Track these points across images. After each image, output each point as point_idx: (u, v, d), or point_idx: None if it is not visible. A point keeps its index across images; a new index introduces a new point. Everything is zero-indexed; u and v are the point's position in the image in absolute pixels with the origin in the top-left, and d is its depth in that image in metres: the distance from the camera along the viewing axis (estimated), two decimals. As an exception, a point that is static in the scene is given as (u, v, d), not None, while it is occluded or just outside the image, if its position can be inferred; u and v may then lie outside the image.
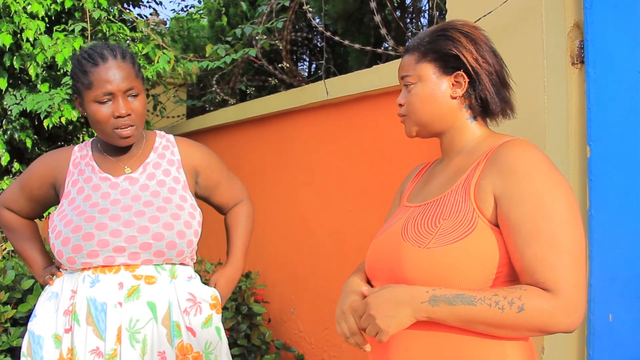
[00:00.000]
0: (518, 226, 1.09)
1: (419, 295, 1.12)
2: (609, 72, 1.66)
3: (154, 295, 1.65)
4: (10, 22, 3.68)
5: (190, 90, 6.07)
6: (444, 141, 1.33)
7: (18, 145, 4.22)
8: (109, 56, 1.64)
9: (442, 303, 1.09)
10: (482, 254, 1.12)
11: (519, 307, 1.04)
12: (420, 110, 1.29)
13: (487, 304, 1.06)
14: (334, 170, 3.01)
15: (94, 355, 1.60)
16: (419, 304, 1.11)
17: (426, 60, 1.27)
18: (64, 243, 1.62)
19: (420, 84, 1.28)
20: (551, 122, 1.74)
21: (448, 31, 1.27)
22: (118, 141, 1.68)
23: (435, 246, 1.14)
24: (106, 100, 1.63)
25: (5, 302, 2.54)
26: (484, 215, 1.14)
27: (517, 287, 1.07)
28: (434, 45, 1.27)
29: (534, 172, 1.11)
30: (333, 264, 3.00)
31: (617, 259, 1.64)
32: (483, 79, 1.24)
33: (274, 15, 3.83)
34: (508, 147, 1.17)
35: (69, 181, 1.74)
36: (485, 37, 1.28)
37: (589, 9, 1.69)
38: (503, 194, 1.12)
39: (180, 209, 1.70)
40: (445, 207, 1.20)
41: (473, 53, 1.24)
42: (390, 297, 1.15)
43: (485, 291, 1.08)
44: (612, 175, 1.66)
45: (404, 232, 1.22)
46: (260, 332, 2.99)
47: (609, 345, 1.64)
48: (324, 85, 2.96)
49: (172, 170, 1.77)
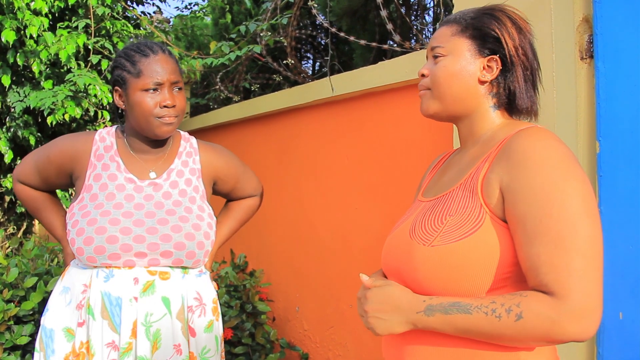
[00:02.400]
0: (522, 223, 1.01)
1: (416, 305, 1.09)
2: (618, 67, 1.64)
3: (168, 290, 1.68)
4: (13, 19, 3.68)
5: (194, 88, 6.06)
6: (462, 128, 1.26)
7: (21, 143, 4.22)
8: (159, 50, 1.71)
9: (437, 312, 1.05)
10: (489, 252, 1.05)
11: (517, 314, 0.97)
12: (444, 85, 1.20)
13: (483, 312, 1.00)
14: (338, 168, 2.99)
15: (110, 348, 1.63)
16: (415, 313, 1.08)
17: (464, 36, 1.20)
18: (87, 242, 1.63)
19: (451, 58, 1.20)
20: (560, 118, 1.72)
21: (495, 12, 1.20)
22: (159, 130, 1.69)
23: (440, 244, 1.09)
24: (153, 90, 1.66)
25: (9, 300, 2.53)
26: (492, 211, 1.07)
27: (517, 294, 1.00)
28: (477, 21, 1.20)
29: (544, 163, 1.02)
30: (338, 262, 2.98)
31: (627, 256, 1.62)
32: (517, 70, 1.18)
33: (278, 12, 3.81)
34: (522, 136, 1.08)
35: (90, 174, 1.74)
36: (531, 30, 1.21)
37: (598, 2, 1.67)
38: (509, 186, 1.04)
39: (200, 219, 1.74)
40: (452, 202, 1.14)
41: (515, 40, 1.17)
42: (387, 299, 1.13)
43: (484, 298, 1.02)
44: (621, 171, 1.64)
45: (412, 229, 1.18)
46: (264, 331, 2.98)
47: (619, 343, 1.61)
48: (329, 82, 2.95)
49: (193, 179, 1.80)
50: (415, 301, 1.09)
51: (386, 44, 4.24)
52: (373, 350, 2.70)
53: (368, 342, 2.74)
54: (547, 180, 1.00)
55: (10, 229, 4.98)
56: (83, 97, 3.92)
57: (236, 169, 1.94)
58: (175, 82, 1.70)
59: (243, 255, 3.50)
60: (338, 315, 2.98)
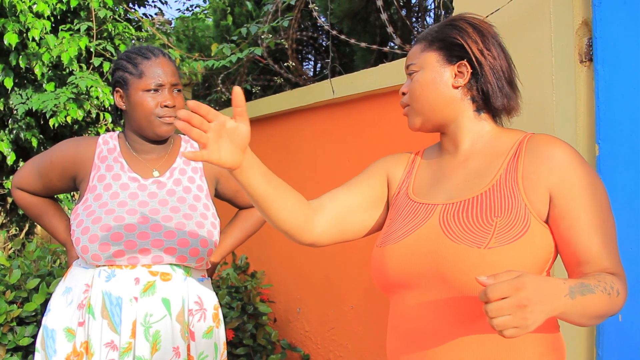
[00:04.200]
0: (579, 218, 1.11)
1: (561, 289, 0.99)
2: (617, 70, 1.65)
3: (168, 291, 1.68)
4: (16, 22, 3.68)
5: (196, 89, 6.07)
6: (449, 134, 1.29)
7: (24, 145, 4.23)
8: (160, 53, 1.76)
9: (577, 294, 1.00)
10: (538, 252, 1.13)
11: (617, 291, 1.07)
12: (421, 97, 1.27)
13: (602, 291, 1.05)
14: (339, 169, 3.00)
15: (108, 348, 1.63)
16: (562, 297, 0.98)
17: (431, 49, 1.27)
18: (92, 240, 1.64)
19: (423, 72, 1.27)
20: (560, 121, 1.73)
21: (456, 21, 1.27)
22: (159, 130, 1.73)
23: (497, 245, 1.09)
24: (154, 91, 1.71)
25: (11, 301, 2.54)
26: (536, 212, 1.14)
27: (600, 275, 1.08)
28: (440, 34, 1.27)
29: (581, 165, 1.15)
30: (339, 264, 2.99)
31: (626, 258, 1.61)
32: (486, 71, 1.23)
33: (280, 14, 3.82)
34: (545, 141, 1.18)
35: (94, 175, 1.75)
36: (494, 31, 1.27)
37: (597, 6, 1.68)
38: (560, 188, 1.13)
39: (204, 217, 1.75)
40: (493, 203, 1.15)
41: (478, 44, 1.23)
42: (538, 286, 0.95)
43: (589, 279, 1.06)
44: (620, 173, 1.65)
45: (450, 232, 1.15)
46: (266, 332, 2.98)
47: (619, 345, 1.62)
48: (329, 84, 2.96)
49: (195, 177, 1.82)
50: (558, 285, 0.99)
51: (387, 46, 4.25)
52: (374, 351, 2.71)
53: (369, 343, 2.75)
54: (590, 180, 1.14)
55: (12, 230, 4.99)
56: (85, 99, 3.93)
57: None
58: (175, 84, 1.75)
59: (244, 256, 3.51)
60: (339, 317, 2.99)
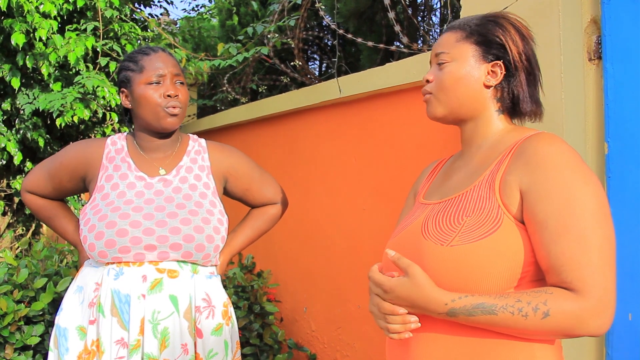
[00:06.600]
0: (545, 222, 1.04)
1: (437, 306, 1.08)
2: (627, 68, 1.64)
3: (176, 288, 1.70)
4: (23, 22, 3.70)
5: (202, 89, 6.08)
6: (466, 130, 1.29)
7: (30, 145, 4.24)
8: (159, 49, 1.79)
9: (460, 315, 1.05)
10: (508, 252, 1.08)
11: (544, 312, 0.99)
12: (450, 90, 1.25)
13: (509, 312, 1.01)
14: (346, 169, 3.00)
15: (119, 345, 1.65)
16: (438, 313, 1.08)
17: (469, 42, 1.25)
18: (98, 237, 1.66)
19: (455, 63, 1.24)
20: (568, 119, 1.72)
21: (499, 19, 1.25)
22: (165, 122, 1.75)
23: (460, 244, 1.10)
24: (156, 83, 1.73)
25: (19, 301, 2.55)
26: (510, 212, 1.10)
27: (542, 291, 1.02)
28: (481, 28, 1.24)
29: (562, 167, 1.06)
30: (345, 263, 2.99)
31: (636, 257, 1.62)
32: (521, 75, 1.22)
33: (286, 13, 3.82)
34: (535, 140, 1.12)
35: (102, 175, 1.78)
36: (534, 39, 1.27)
37: (606, 4, 1.67)
38: (530, 188, 1.08)
39: (211, 214, 1.76)
40: (468, 203, 1.16)
41: (519, 47, 1.22)
42: (406, 296, 1.11)
43: (508, 297, 1.03)
44: (630, 172, 1.64)
45: (425, 229, 1.18)
46: (272, 332, 2.98)
47: (629, 344, 1.61)
48: (336, 83, 2.95)
49: (202, 175, 1.83)
50: (435, 303, 1.08)
51: (393, 45, 4.24)
52: (381, 350, 2.70)
53: (376, 342, 2.75)
54: (568, 182, 1.05)
55: (19, 230, 5.01)
56: (91, 99, 3.94)
57: (249, 168, 1.94)
58: (176, 74, 1.77)
59: (251, 256, 3.51)
60: (346, 316, 2.99)
